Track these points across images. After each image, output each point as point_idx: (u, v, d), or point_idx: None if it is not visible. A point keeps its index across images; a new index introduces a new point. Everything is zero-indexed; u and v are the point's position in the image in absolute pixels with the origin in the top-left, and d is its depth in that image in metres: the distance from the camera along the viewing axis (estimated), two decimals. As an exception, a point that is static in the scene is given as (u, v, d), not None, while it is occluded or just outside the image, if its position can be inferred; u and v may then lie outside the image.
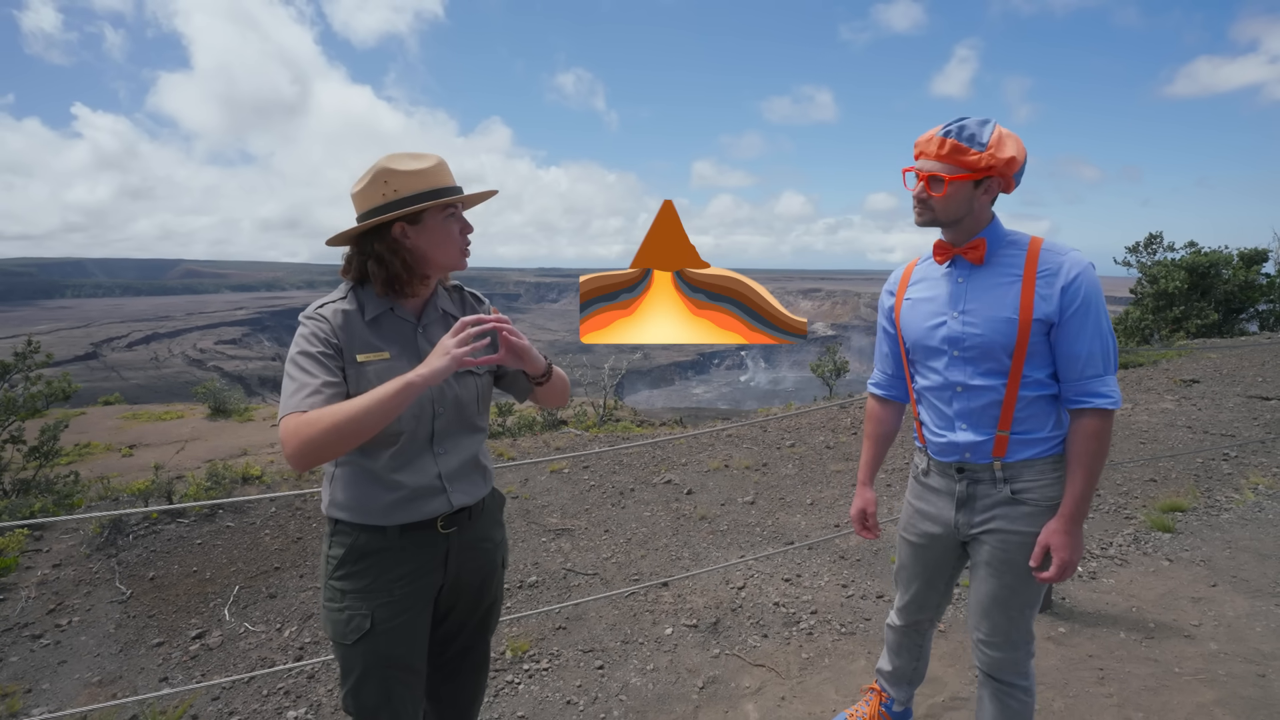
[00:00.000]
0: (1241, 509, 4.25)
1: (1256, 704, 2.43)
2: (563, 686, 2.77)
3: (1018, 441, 1.65)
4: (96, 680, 3.08)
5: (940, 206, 1.62)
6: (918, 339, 1.76)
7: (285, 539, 4.51)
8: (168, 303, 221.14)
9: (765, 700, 2.60)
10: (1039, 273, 1.58)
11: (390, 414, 1.30)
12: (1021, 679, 1.79)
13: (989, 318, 1.62)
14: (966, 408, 1.68)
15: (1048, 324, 1.58)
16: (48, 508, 5.11)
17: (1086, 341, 1.56)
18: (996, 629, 1.75)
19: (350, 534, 1.47)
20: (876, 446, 2.03)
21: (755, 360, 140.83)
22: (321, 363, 1.39)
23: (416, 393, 1.30)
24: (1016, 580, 1.69)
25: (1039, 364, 1.61)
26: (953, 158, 1.56)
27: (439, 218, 1.46)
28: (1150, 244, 15.30)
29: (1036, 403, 1.64)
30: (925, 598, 1.98)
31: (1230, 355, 9.11)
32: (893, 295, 1.88)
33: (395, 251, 1.45)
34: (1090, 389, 1.58)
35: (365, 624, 1.46)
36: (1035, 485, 1.65)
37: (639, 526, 4.64)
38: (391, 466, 1.45)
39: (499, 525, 1.72)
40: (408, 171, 1.42)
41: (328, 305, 1.47)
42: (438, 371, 1.30)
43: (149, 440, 16.26)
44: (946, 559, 1.88)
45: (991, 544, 1.71)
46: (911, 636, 2.11)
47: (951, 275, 1.71)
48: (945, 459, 1.75)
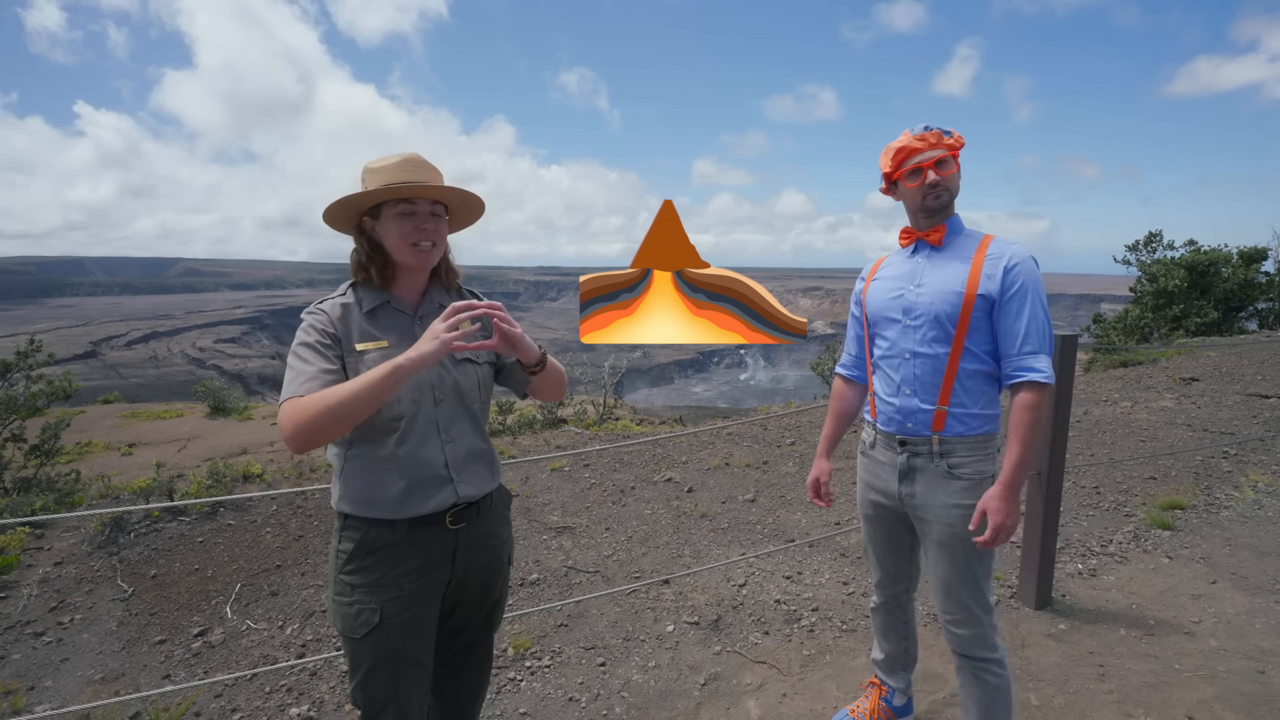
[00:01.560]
0: (1241, 506, 4.26)
1: (1256, 700, 2.44)
2: (564, 683, 2.78)
3: (954, 417, 1.82)
4: (99, 677, 3.08)
5: (954, 184, 1.83)
6: (877, 309, 1.95)
7: (286, 536, 4.52)
8: (167, 301, 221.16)
9: (767, 697, 2.61)
10: (987, 256, 1.80)
11: (380, 396, 1.33)
12: (992, 651, 1.90)
13: (939, 290, 1.82)
14: (913, 374, 1.85)
15: (990, 300, 1.77)
16: (49, 506, 5.11)
17: (1025, 320, 1.75)
18: (959, 605, 1.88)
19: (360, 528, 1.49)
20: (837, 423, 2.21)
21: (755, 359, 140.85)
22: (319, 351, 1.44)
23: (405, 375, 1.33)
24: (966, 553, 1.83)
25: (979, 340, 1.79)
26: (944, 144, 1.82)
27: (392, 213, 1.50)
28: (1150, 242, 15.29)
29: (974, 377, 1.81)
30: (896, 568, 2.12)
31: (1230, 353, 9.12)
32: (864, 281, 2.07)
33: (364, 240, 1.54)
34: (1027, 364, 1.75)
35: (375, 618, 1.47)
36: (969, 460, 1.82)
37: (640, 524, 4.64)
38: (400, 451, 1.48)
39: (506, 523, 1.73)
40: (375, 168, 1.50)
41: (327, 301, 1.54)
42: (426, 355, 1.33)
43: (148, 439, 16.26)
44: (900, 528, 2.04)
45: (936, 520, 1.86)
46: (895, 614, 2.22)
47: (914, 258, 1.92)
48: (889, 429, 1.92)
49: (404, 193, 1.48)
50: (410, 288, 1.59)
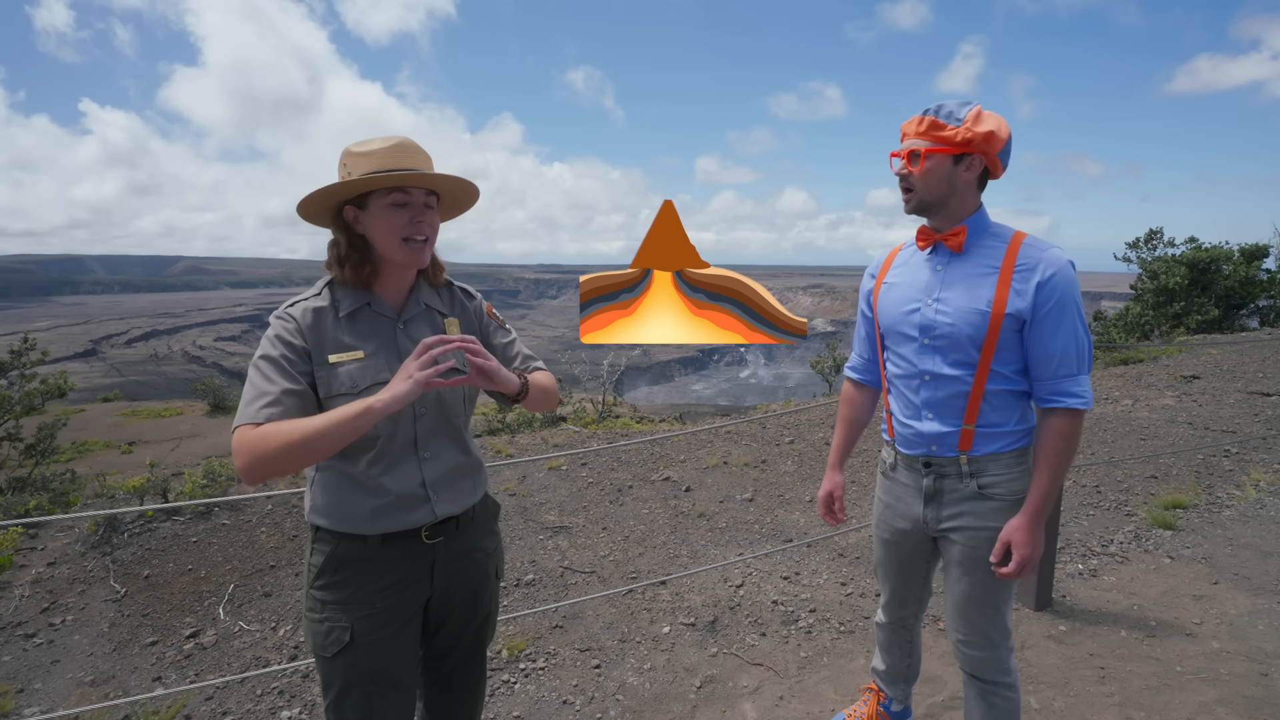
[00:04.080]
0: (1243, 506, 4.23)
1: (1259, 703, 2.40)
2: (559, 686, 2.75)
3: (983, 435, 1.64)
4: (89, 680, 3.06)
5: (920, 183, 1.60)
6: (891, 323, 1.75)
7: (281, 536, 4.49)
8: (168, 299, 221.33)
9: (763, 700, 2.58)
10: (1016, 267, 1.56)
11: (347, 438, 1.25)
12: (1004, 675, 1.78)
13: (961, 308, 1.60)
14: (933, 397, 1.67)
15: (1020, 320, 1.56)
16: (43, 505, 5.09)
17: (1061, 341, 1.55)
18: (974, 628, 1.74)
19: (330, 541, 1.41)
20: (849, 431, 2.02)
21: (756, 357, 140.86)
22: (283, 368, 1.32)
23: (376, 418, 1.24)
24: (989, 577, 1.68)
25: (1008, 359, 1.60)
26: (930, 134, 1.56)
27: (382, 203, 1.36)
28: (1151, 240, 15.25)
29: (1003, 397, 1.63)
30: (905, 593, 1.98)
31: (1231, 351, 9.08)
32: (873, 279, 1.86)
33: (345, 234, 1.40)
34: (1063, 389, 1.57)
35: (345, 637, 1.39)
36: (1001, 479, 1.65)
37: (637, 524, 4.61)
38: (373, 472, 1.39)
39: (492, 534, 1.63)
40: (360, 153, 1.35)
41: (298, 304, 1.40)
42: (399, 397, 1.24)
43: (148, 437, 16.25)
44: (919, 554, 1.88)
45: (962, 542, 1.70)
46: (900, 633, 2.10)
47: (931, 262, 1.70)
48: (912, 452, 1.75)
49: (400, 181, 1.34)
50: (395, 287, 1.46)
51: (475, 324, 1.60)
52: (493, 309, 1.67)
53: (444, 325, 1.49)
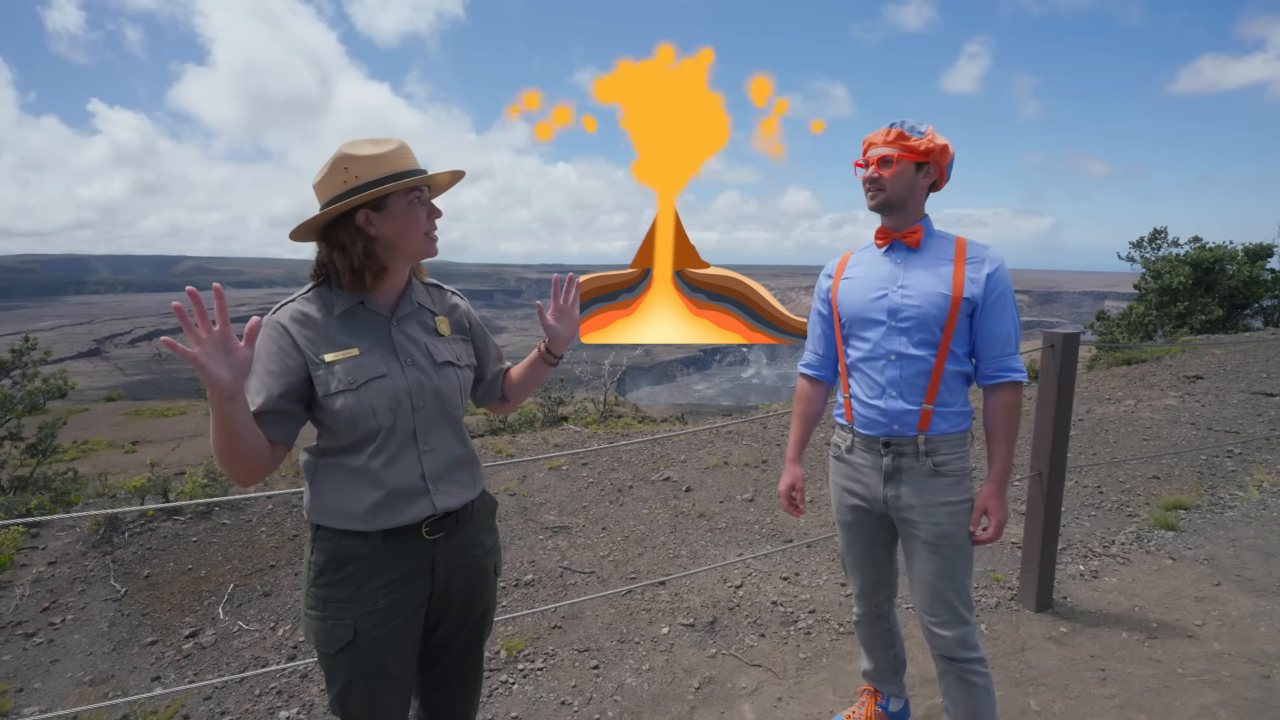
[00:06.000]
0: (1246, 507, 4.21)
1: (1261, 705, 2.39)
2: (557, 687, 2.74)
3: (939, 415, 1.83)
4: (89, 679, 3.06)
5: (891, 185, 1.81)
6: (857, 311, 1.91)
7: (281, 536, 4.49)
8: (172, 299, 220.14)
9: (762, 701, 2.57)
10: (968, 260, 1.82)
11: (223, 429, 1.22)
12: (974, 651, 1.90)
13: (926, 292, 1.81)
14: (899, 376, 1.83)
15: (973, 304, 1.80)
16: (44, 505, 5.10)
17: (1005, 324, 1.81)
18: (945, 605, 1.87)
19: (331, 540, 1.42)
20: (805, 425, 2.16)
21: (758, 356, 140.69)
22: (262, 379, 1.34)
23: (221, 400, 1.19)
24: (954, 550, 1.85)
25: (961, 341, 1.82)
26: (899, 143, 1.80)
27: (403, 203, 1.39)
28: (1154, 239, 15.20)
29: (955, 378, 1.84)
30: (875, 574, 2.09)
31: (1234, 351, 9.04)
32: (830, 278, 2.03)
33: (358, 240, 1.38)
34: (1008, 365, 1.82)
35: (348, 634, 1.41)
36: (950, 459, 1.84)
37: (637, 524, 4.60)
38: (374, 464, 1.40)
39: (490, 531, 1.65)
40: (368, 156, 1.35)
41: (285, 308, 1.40)
42: (208, 379, 1.17)
43: (151, 436, 16.28)
44: (881, 533, 2.02)
45: (924, 521, 1.85)
46: (878, 624, 2.18)
47: (890, 258, 1.90)
48: (872, 433, 1.88)
49: (431, 180, 1.43)
50: (392, 286, 1.48)
51: (464, 323, 1.65)
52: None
53: (435, 324, 1.56)
